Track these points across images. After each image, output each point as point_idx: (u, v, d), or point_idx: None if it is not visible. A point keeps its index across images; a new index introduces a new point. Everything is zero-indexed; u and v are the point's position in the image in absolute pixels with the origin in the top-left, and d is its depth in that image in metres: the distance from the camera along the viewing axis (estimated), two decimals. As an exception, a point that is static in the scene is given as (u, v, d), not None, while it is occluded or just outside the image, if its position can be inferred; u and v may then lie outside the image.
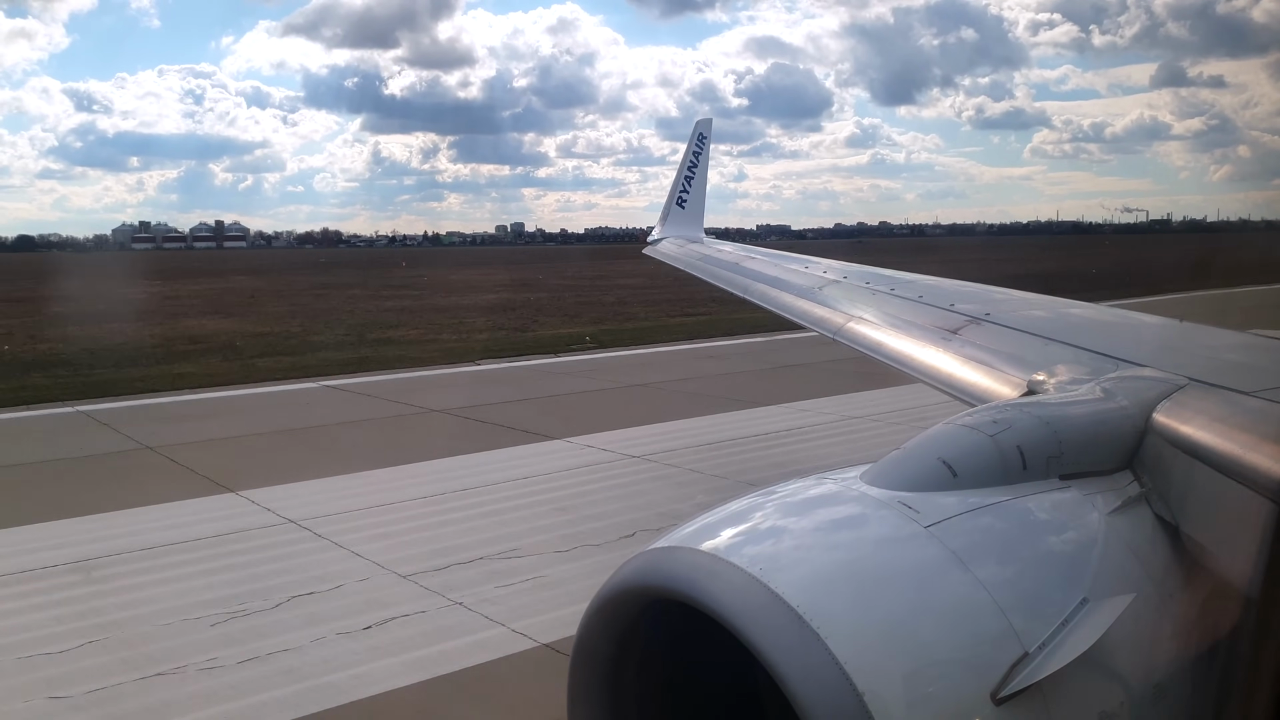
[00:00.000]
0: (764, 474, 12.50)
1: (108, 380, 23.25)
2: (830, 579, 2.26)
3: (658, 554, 2.42)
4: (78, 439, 16.70)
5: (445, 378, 23.93)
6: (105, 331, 35.27)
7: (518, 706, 7.24)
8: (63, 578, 9.80)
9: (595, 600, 2.49)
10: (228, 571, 9.89)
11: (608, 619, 2.48)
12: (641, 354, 27.40)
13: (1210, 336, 3.95)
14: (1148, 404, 3.00)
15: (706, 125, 15.80)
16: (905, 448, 2.76)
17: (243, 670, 7.68)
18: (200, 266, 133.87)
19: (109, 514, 11.98)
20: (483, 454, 14.85)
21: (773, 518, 2.53)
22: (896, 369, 5.35)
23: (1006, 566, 2.40)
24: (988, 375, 4.35)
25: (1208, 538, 2.65)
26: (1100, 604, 2.34)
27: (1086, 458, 2.82)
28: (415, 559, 10.14)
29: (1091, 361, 3.74)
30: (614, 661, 2.54)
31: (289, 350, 29.84)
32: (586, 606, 2.53)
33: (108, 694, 7.33)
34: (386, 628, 8.45)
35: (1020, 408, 2.96)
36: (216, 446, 16.01)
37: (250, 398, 21.13)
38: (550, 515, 11.57)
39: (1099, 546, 2.55)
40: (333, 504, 12.21)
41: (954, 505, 2.49)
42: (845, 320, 6.44)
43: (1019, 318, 4.81)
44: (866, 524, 2.47)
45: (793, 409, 17.74)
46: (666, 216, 15.10)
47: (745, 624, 2.14)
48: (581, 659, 2.55)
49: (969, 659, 2.20)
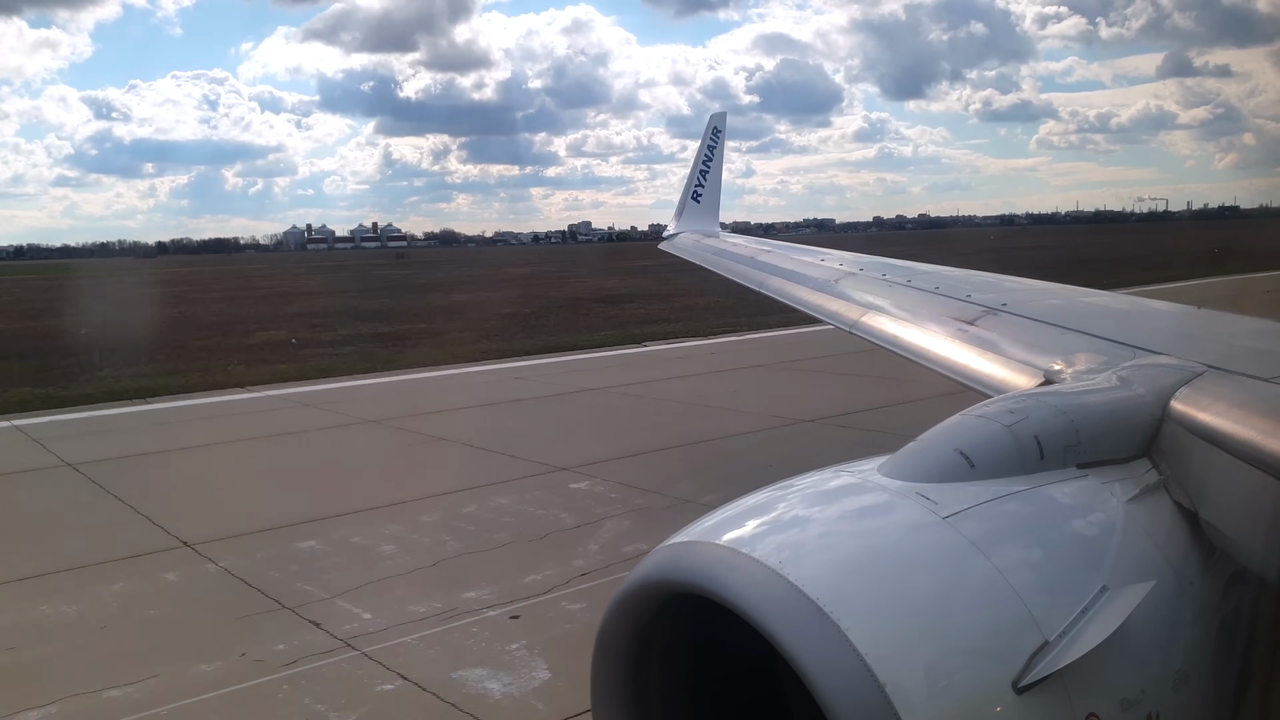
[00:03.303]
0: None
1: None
2: (850, 571, 2.27)
3: (677, 549, 2.44)
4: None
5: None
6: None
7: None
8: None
9: (615, 596, 2.51)
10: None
11: (628, 614, 2.50)
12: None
13: (1228, 323, 3.94)
14: (1165, 391, 3.00)
15: (721, 119, 15.74)
16: (922, 439, 2.76)
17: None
18: (434, 261, 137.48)
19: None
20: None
21: (791, 510, 2.54)
22: (913, 361, 5.35)
23: (1026, 556, 2.41)
24: (1004, 366, 4.34)
25: (1228, 524, 2.65)
26: (1120, 592, 2.34)
27: (1104, 446, 2.82)
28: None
29: (1108, 350, 3.73)
30: (636, 657, 2.56)
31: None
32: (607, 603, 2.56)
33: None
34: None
35: (1037, 397, 2.96)
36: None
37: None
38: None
39: (1118, 535, 2.56)
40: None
41: (972, 496, 2.50)
42: (861, 313, 6.44)
43: (1035, 307, 4.80)
44: (885, 515, 2.48)
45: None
46: (682, 211, 15.03)
47: (765, 617, 2.15)
48: (603, 655, 2.57)
49: (990, 648, 2.20)
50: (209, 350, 30.47)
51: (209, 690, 7.14)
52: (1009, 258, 61.60)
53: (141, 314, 48.08)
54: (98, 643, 8.17)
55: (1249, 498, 2.60)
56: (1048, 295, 5.16)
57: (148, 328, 38.23)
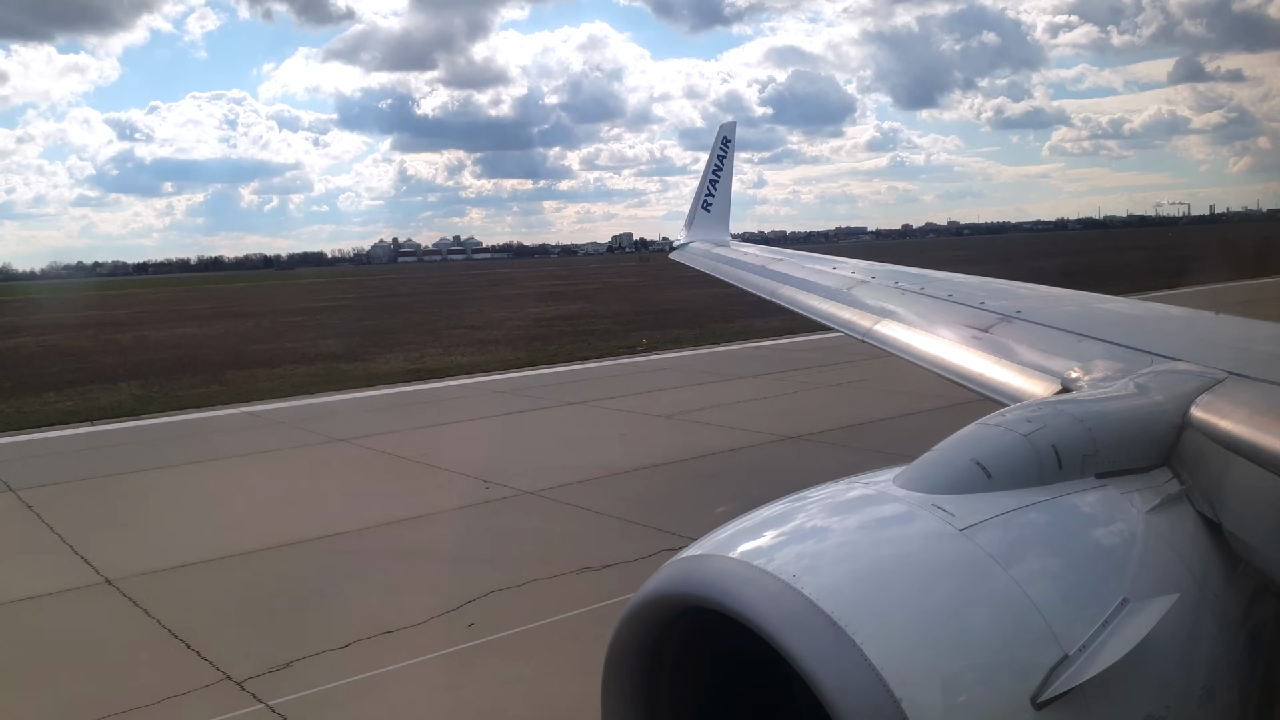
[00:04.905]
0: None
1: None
2: (865, 584, 2.22)
3: (689, 562, 2.39)
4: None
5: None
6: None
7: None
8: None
9: (627, 610, 2.47)
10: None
11: (640, 628, 2.46)
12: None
13: (1248, 328, 3.87)
14: (1185, 399, 2.94)
15: (730, 129, 15.73)
16: (938, 449, 2.71)
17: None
18: (532, 273, 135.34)
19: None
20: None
21: (806, 522, 2.49)
22: (927, 370, 5.29)
23: (1044, 568, 2.35)
24: (1020, 374, 4.29)
25: (1252, 535, 2.59)
26: (1142, 605, 2.28)
27: (1123, 455, 2.76)
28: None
29: (1126, 357, 3.67)
30: (647, 671, 2.52)
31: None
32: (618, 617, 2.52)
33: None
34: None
35: (1054, 406, 2.91)
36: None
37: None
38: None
39: (1139, 546, 2.50)
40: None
41: (989, 507, 2.45)
42: (874, 322, 6.38)
43: (1050, 314, 4.74)
44: (900, 528, 2.43)
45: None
46: (692, 221, 14.99)
47: (779, 630, 2.11)
48: (615, 668, 2.53)
49: (1008, 663, 2.15)
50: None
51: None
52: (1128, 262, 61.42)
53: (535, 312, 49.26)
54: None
55: (1274, 507, 2.54)
56: (1062, 302, 5.10)
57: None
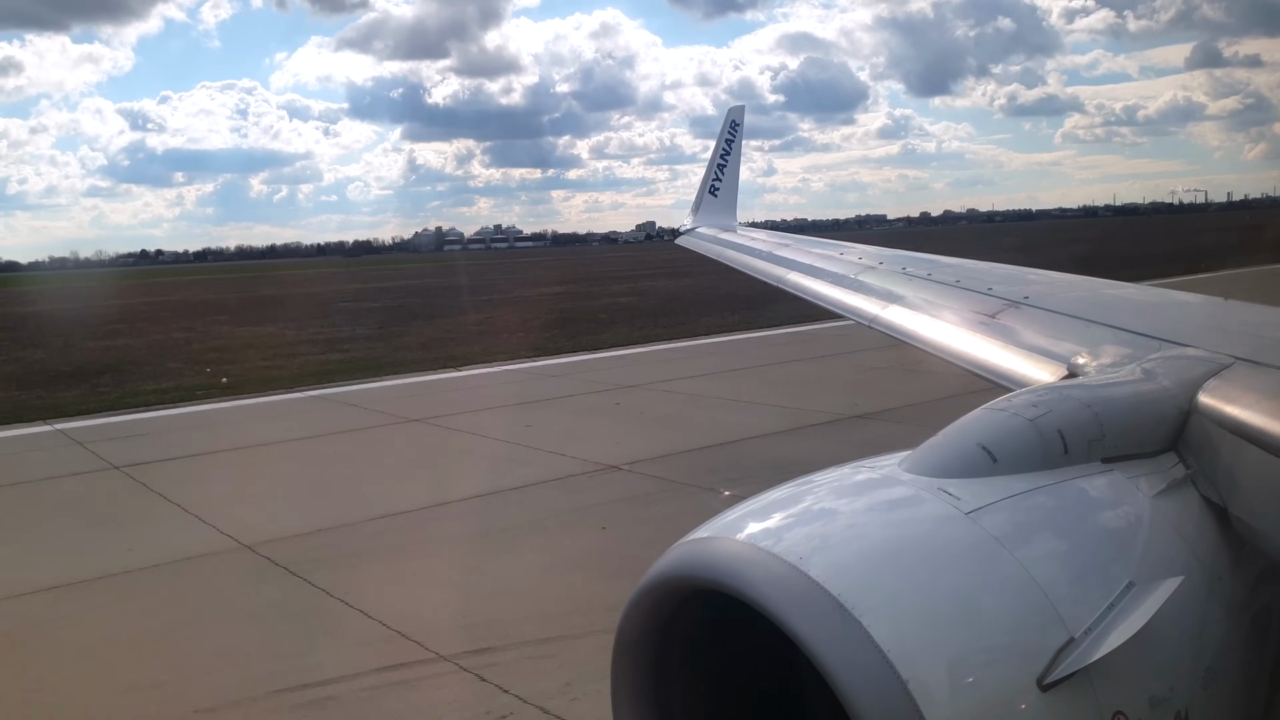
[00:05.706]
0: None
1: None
2: (871, 567, 2.24)
3: (696, 545, 2.42)
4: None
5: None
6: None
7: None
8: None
9: (634, 593, 2.49)
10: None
11: (648, 612, 2.48)
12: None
13: (1257, 314, 3.86)
14: (1192, 384, 2.95)
15: (739, 112, 15.61)
16: (944, 433, 2.73)
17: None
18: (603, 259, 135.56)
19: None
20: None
21: (812, 506, 2.51)
22: (934, 355, 5.30)
23: (1050, 551, 2.37)
24: (1027, 359, 4.29)
25: (1258, 520, 2.60)
26: (1147, 588, 2.30)
27: (1129, 440, 2.78)
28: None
29: (1133, 342, 3.68)
30: (656, 654, 2.54)
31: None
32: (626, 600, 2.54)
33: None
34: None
35: (1060, 390, 2.92)
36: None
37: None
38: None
39: (1144, 530, 2.52)
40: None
41: (995, 491, 2.46)
42: (882, 307, 6.38)
43: (1058, 300, 4.74)
44: (906, 511, 2.45)
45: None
46: (699, 206, 14.87)
47: (786, 613, 2.13)
48: (623, 653, 2.55)
49: (1014, 645, 2.17)
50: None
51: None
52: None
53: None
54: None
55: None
56: (1071, 287, 5.09)
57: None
